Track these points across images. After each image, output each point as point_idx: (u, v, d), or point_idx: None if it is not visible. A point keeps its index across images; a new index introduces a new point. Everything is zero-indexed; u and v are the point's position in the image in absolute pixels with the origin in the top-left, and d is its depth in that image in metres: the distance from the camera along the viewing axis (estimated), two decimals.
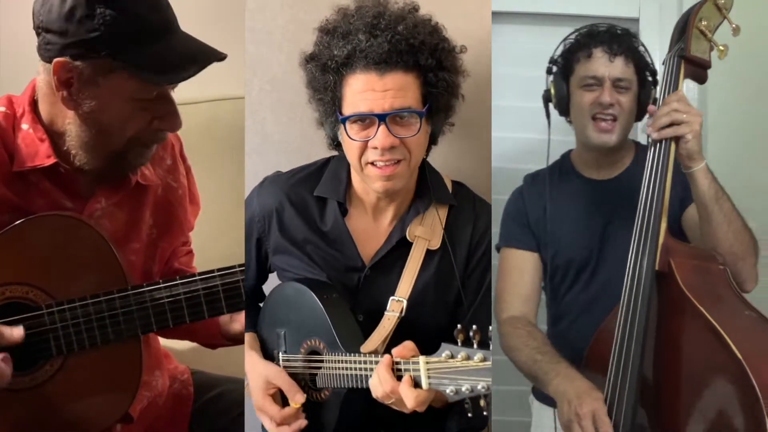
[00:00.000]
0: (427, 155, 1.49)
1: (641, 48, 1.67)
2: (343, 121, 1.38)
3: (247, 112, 1.75)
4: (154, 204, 1.50)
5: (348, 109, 1.38)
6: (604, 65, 1.62)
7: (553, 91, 1.69)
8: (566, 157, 1.78)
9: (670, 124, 1.39)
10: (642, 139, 1.78)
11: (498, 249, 1.74)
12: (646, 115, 1.51)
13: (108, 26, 1.26)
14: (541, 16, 2.05)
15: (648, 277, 1.35)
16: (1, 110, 1.38)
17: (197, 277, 1.38)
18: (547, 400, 1.71)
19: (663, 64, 1.50)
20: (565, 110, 1.70)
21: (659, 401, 1.35)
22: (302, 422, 1.43)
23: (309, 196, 1.52)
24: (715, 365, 1.26)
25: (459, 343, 1.20)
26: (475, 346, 1.18)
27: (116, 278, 1.37)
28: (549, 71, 1.71)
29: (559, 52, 1.70)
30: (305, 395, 1.43)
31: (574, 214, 1.68)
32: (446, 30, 1.43)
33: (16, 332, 1.31)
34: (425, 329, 1.39)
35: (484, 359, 1.16)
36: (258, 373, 1.47)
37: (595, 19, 2.03)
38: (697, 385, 1.29)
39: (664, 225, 1.38)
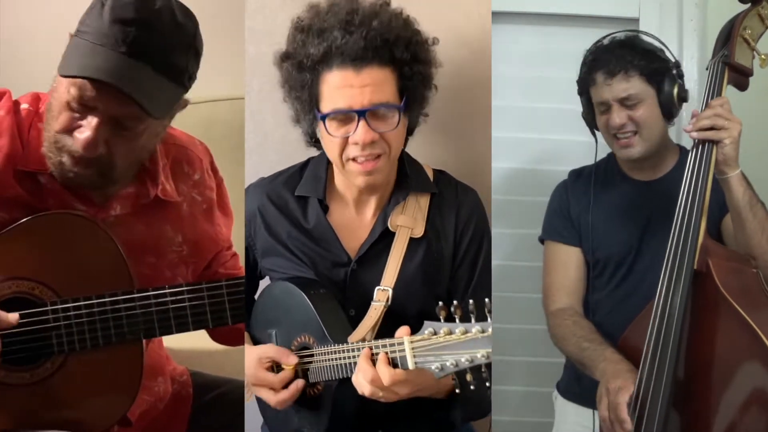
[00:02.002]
0: (405, 146, 1.49)
1: (646, 45, 1.65)
2: (323, 118, 1.39)
3: (247, 112, 1.75)
4: (178, 220, 1.49)
5: (326, 105, 1.39)
6: (606, 90, 1.63)
7: (584, 111, 1.72)
8: (611, 156, 1.78)
9: (711, 128, 1.41)
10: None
11: (541, 241, 1.78)
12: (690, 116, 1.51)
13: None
14: (541, 16, 2.04)
15: (687, 275, 1.37)
16: (24, 107, 1.38)
17: (204, 285, 1.38)
18: (571, 396, 1.76)
19: (707, 69, 1.51)
20: (595, 127, 1.73)
21: (690, 399, 1.36)
22: (300, 382, 1.43)
23: (290, 196, 1.53)
24: (752, 365, 1.29)
25: (441, 320, 1.20)
26: (457, 320, 1.18)
27: (124, 282, 1.37)
28: (580, 93, 1.73)
29: (580, 74, 1.72)
30: (297, 357, 1.43)
31: (617, 212, 1.70)
32: (418, 23, 1.44)
33: (12, 317, 1.30)
34: (414, 318, 1.39)
35: (466, 332, 1.16)
36: (250, 354, 1.47)
37: (595, 19, 2.04)
38: (732, 384, 1.32)
39: (703, 225, 1.40)
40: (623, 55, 1.63)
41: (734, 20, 1.48)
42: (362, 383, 1.29)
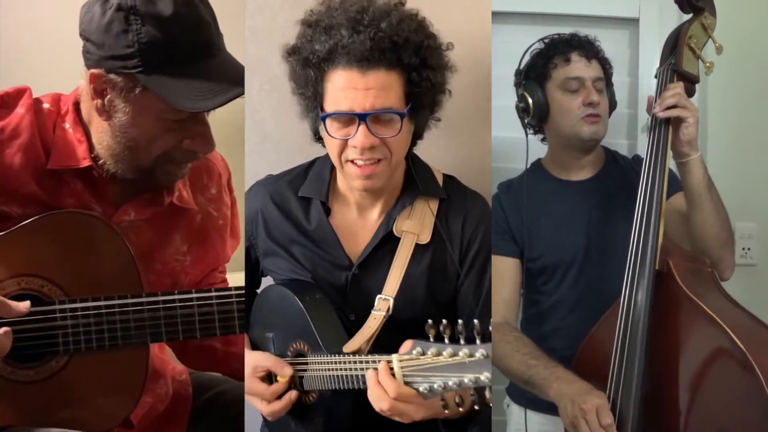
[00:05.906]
0: (413, 148, 1.48)
1: (601, 51, 1.73)
2: (323, 118, 1.37)
3: (247, 112, 1.75)
4: (189, 229, 1.49)
5: (329, 106, 1.36)
6: (584, 67, 1.68)
7: (530, 100, 1.70)
8: (538, 164, 1.80)
9: (675, 106, 1.44)
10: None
11: None
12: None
13: (142, 44, 1.26)
14: (541, 16, 2.04)
15: (650, 275, 1.38)
16: (45, 106, 1.38)
17: (213, 294, 1.37)
18: (525, 402, 1.73)
19: (656, 76, 1.55)
20: (544, 117, 1.72)
21: (659, 400, 1.37)
22: (293, 393, 1.41)
23: (293, 197, 1.51)
24: (719, 358, 1.31)
25: (431, 339, 1.17)
26: (446, 341, 1.15)
27: (133, 286, 1.36)
28: (519, 84, 1.74)
29: (526, 63, 1.74)
30: (293, 368, 1.42)
31: (556, 214, 1.71)
32: (433, 26, 1.40)
33: (23, 305, 1.30)
34: (415, 327, 1.38)
35: (454, 354, 1.13)
36: (246, 362, 1.46)
37: (595, 19, 2.05)
38: (700, 380, 1.33)
39: (662, 226, 1.41)
40: (592, 46, 1.71)
41: (680, 29, 1.53)
42: (373, 401, 1.25)
